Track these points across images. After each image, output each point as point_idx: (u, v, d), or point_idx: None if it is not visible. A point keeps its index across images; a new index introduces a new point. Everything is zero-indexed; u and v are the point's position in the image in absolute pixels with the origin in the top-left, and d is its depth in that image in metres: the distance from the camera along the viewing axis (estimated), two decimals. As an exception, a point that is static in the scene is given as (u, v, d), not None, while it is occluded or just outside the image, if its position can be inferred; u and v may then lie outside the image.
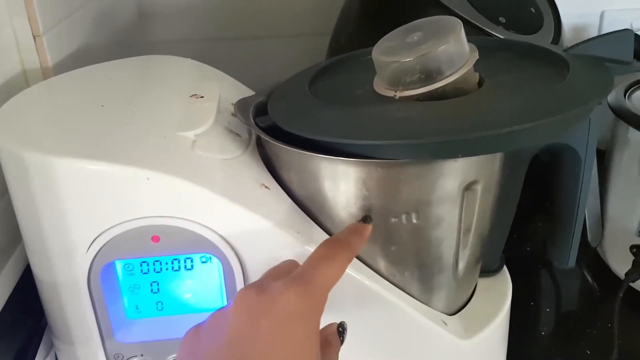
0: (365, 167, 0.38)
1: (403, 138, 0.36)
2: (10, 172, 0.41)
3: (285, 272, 0.35)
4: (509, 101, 0.38)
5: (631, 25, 0.80)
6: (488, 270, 0.50)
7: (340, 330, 0.36)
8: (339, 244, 0.36)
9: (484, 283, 0.49)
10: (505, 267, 0.51)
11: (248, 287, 0.33)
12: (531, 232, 0.70)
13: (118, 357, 0.43)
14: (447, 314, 0.45)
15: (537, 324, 0.59)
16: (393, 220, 0.40)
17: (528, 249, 0.68)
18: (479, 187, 0.41)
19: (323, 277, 0.33)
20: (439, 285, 0.44)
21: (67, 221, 0.39)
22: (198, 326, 0.33)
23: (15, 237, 0.48)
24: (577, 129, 0.43)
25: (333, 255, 0.34)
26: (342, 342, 0.36)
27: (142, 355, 0.43)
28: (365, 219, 0.40)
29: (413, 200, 0.40)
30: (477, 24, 0.58)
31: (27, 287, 0.47)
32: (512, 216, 0.48)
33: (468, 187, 0.40)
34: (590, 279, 0.64)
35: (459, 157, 0.38)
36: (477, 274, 0.48)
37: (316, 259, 0.34)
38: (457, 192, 0.40)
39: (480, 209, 0.42)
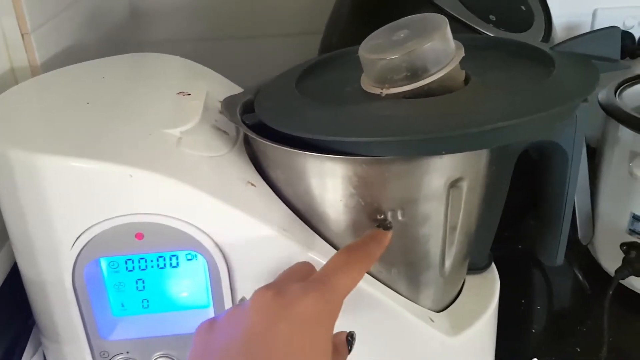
0: (351, 165, 0.38)
1: (388, 135, 0.36)
2: (-4, 170, 0.41)
3: (301, 274, 0.36)
4: (493, 98, 0.38)
5: (623, 24, 0.80)
6: (476, 268, 0.50)
7: (349, 339, 0.37)
8: (358, 252, 0.37)
9: (472, 280, 0.49)
10: (493, 265, 0.51)
11: (265, 288, 0.33)
12: (523, 231, 0.70)
13: (104, 354, 0.43)
14: (434, 311, 0.45)
15: (527, 321, 0.59)
16: (379, 217, 0.40)
17: (520, 247, 0.68)
18: (464, 185, 0.41)
19: (341, 284, 0.34)
20: (426, 283, 0.44)
21: (51, 218, 0.39)
22: (213, 320, 0.34)
23: (2, 236, 0.47)
24: (564, 126, 0.43)
25: (352, 263, 0.35)
26: (349, 351, 0.36)
27: (127, 352, 0.43)
28: (384, 224, 0.40)
29: (399, 197, 0.40)
30: (467, 22, 0.58)
31: (14, 286, 0.47)
32: (500, 214, 0.48)
33: (454, 185, 0.40)
34: (580, 277, 0.64)
35: (443, 153, 0.38)
36: (465, 271, 0.48)
37: (335, 265, 0.35)
38: (443, 189, 0.40)
39: (466, 206, 0.42)
